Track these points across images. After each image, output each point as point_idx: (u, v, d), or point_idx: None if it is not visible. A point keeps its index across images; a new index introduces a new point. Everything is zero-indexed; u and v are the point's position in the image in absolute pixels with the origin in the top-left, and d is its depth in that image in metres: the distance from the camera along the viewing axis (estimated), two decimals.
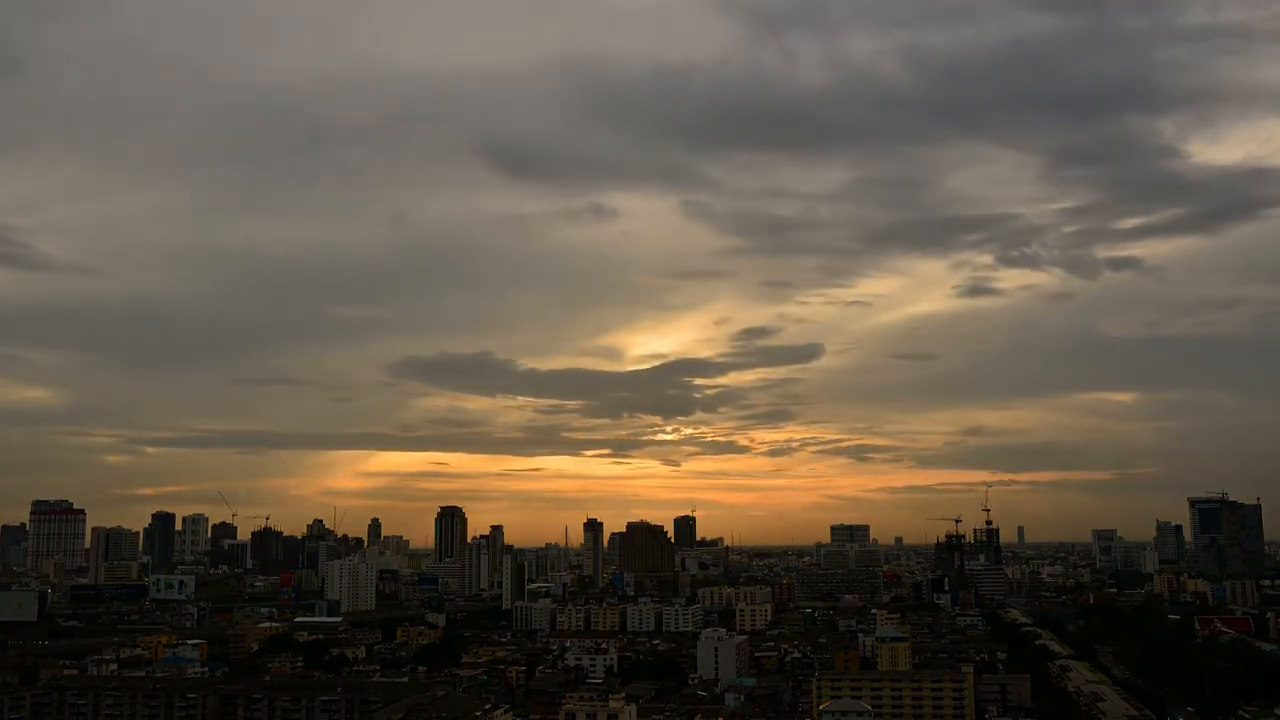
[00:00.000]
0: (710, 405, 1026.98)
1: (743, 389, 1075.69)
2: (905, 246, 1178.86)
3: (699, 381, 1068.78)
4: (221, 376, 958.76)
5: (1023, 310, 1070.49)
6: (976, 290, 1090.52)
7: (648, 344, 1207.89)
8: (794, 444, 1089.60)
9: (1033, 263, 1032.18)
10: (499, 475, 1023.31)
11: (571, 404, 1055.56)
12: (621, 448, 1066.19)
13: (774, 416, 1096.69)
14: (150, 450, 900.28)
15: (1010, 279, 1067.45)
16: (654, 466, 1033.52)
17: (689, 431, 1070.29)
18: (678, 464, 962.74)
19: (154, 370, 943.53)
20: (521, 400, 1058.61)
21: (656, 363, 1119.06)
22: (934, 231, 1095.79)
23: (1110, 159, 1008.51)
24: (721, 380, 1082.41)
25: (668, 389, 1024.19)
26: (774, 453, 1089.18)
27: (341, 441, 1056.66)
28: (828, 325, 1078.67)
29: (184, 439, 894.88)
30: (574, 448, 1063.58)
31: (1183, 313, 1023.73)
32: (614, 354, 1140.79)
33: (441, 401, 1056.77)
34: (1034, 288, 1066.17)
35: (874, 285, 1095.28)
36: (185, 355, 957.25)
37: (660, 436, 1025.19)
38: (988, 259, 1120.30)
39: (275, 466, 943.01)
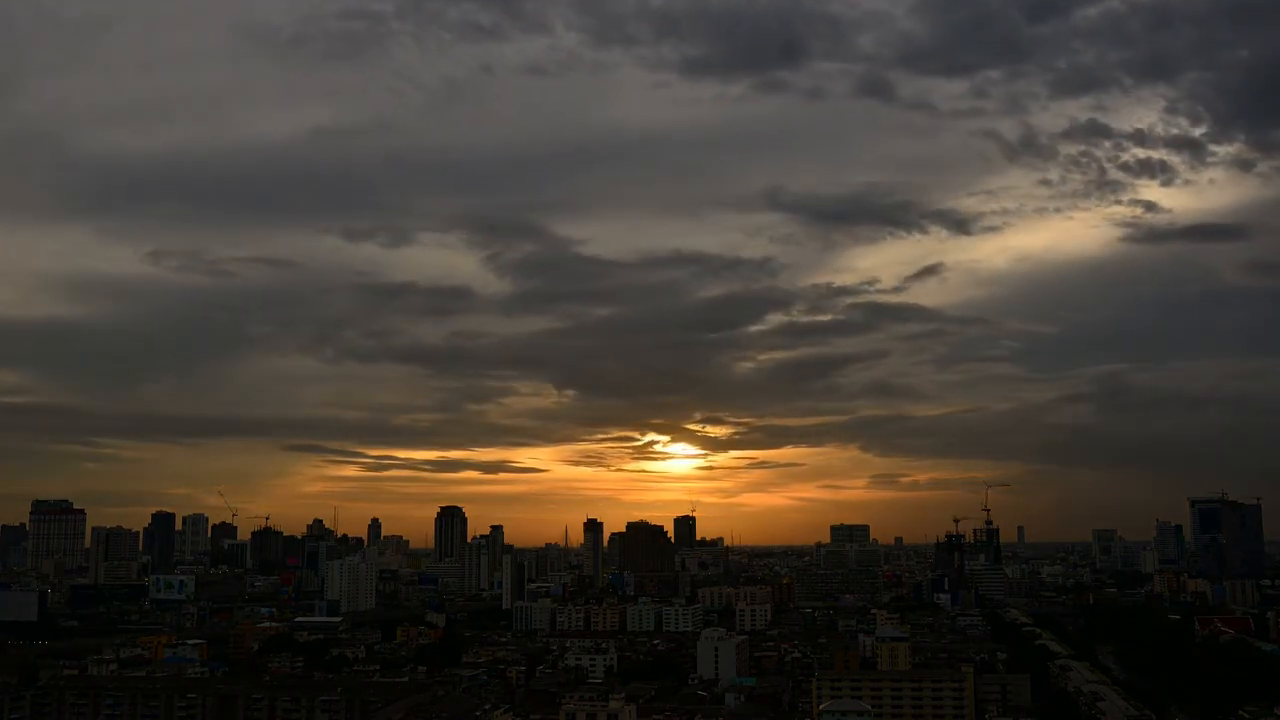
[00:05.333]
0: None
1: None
2: None
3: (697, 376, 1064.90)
4: (162, 385, 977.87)
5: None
6: None
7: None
8: (791, 440, 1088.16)
9: None
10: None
11: (565, 395, 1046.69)
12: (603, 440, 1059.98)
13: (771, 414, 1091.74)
14: (126, 453, 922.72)
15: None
16: (653, 466, 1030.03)
17: (690, 428, 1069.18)
18: (678, 459, 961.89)
19: (102, 382, 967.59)
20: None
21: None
22: None
23: None
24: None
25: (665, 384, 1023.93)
26: (771, 449, 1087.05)
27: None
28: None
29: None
30: (566, 441, 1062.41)
31: None
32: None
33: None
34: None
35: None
36: (118, 369, 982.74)
37: (660, 433, 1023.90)
38: None
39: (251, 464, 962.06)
